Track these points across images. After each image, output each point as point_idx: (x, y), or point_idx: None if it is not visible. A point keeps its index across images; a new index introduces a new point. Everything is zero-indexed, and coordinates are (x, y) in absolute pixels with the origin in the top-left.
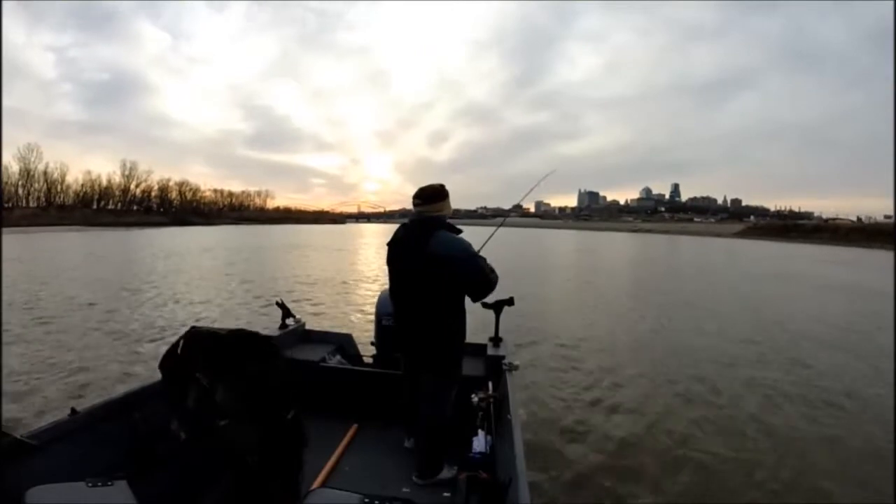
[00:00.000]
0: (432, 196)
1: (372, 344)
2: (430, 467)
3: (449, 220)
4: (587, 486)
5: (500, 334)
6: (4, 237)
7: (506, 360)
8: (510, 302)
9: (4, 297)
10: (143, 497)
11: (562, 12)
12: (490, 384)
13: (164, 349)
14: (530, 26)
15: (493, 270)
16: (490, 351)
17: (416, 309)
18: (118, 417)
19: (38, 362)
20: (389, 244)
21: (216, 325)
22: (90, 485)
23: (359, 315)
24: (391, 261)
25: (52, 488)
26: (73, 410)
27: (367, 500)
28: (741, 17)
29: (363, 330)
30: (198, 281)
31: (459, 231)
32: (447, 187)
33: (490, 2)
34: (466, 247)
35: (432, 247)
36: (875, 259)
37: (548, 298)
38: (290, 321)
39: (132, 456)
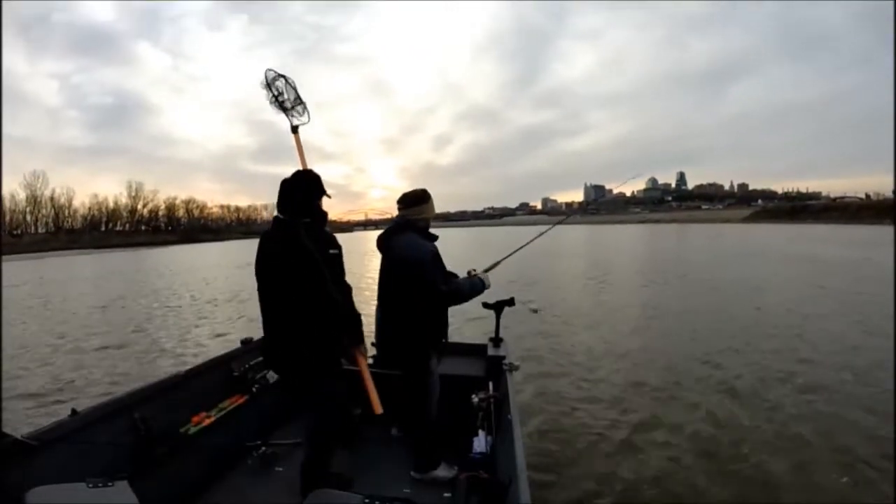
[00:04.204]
0: (413, 200)
1: (372, 344)
2: (424, 459)
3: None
4: (588, 486)
5: (501, 335)
6: (18, 264)
7: (506, 361)
8: (511, 302)
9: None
10: (144, 497)
11: (555, 12)
12: (490, 384)
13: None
14: (526, 27)
15: (449, 283)
16: (490, 351)
17: (388, 306)
18: (118, 417)
19: None
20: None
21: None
22: (90, 485)
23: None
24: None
25: (52, 489)
26: (74, 410)
27: (367, 500)
28: (735, 4)
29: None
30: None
31: (434, 238)
32: (451, 189)
33: (483, 2)
34: (423, 253)
35: (395, 249)
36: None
37: (553, 298)
38: None
39: (132, 456)
